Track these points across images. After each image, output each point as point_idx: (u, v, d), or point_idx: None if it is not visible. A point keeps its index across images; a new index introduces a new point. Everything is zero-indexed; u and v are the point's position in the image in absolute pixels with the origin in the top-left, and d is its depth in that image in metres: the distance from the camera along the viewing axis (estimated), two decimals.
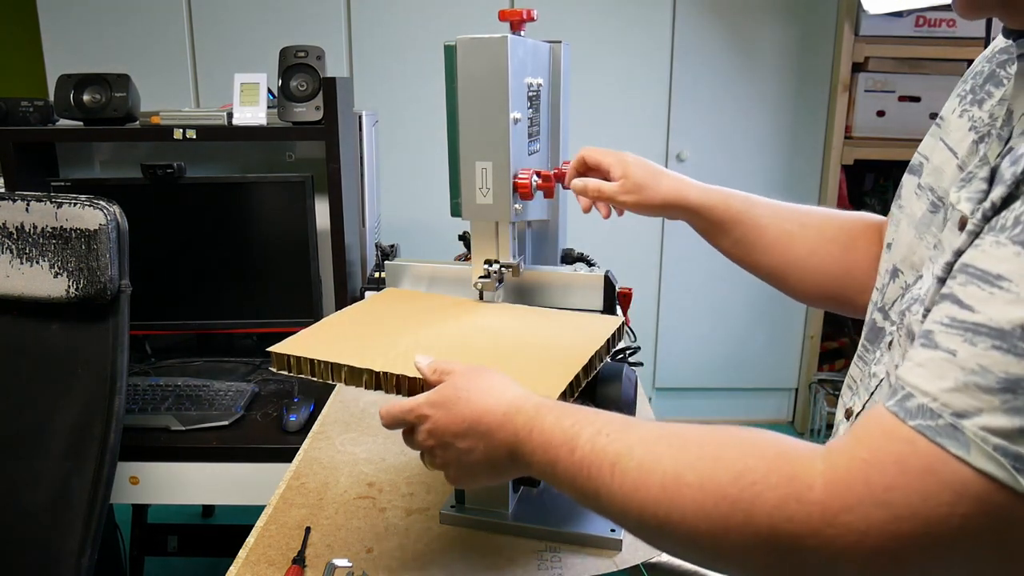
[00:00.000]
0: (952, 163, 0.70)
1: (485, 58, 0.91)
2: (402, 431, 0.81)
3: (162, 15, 2.93)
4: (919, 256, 0.71)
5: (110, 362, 1.29)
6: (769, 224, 0.97)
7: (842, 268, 0.94)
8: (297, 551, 0.99)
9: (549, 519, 1.03)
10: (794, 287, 0.98)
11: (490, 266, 1.02)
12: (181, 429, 1.54)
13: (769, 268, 0.99)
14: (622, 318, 1.01)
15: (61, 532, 1.26)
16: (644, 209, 1.00)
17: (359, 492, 1.14)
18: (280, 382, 1.77)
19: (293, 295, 1.82)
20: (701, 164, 3.11)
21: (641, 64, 3.03)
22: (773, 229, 0.97)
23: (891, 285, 0.75)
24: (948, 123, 0.73)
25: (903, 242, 0.74)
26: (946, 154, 0.71)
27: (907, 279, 0.73)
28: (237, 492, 1.53)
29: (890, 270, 0.76)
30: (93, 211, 1.27)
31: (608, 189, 0.99)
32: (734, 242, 0.99)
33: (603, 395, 1.02)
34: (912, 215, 0.74)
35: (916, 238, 0.72)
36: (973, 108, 0.70)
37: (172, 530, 2.14)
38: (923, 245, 0.71)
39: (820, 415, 2.99)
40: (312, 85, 1.72)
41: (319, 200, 1.79)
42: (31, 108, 1.77)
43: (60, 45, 2.93)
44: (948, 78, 2.88)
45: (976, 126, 0.68)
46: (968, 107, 0.71)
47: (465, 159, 0.96)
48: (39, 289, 1.30)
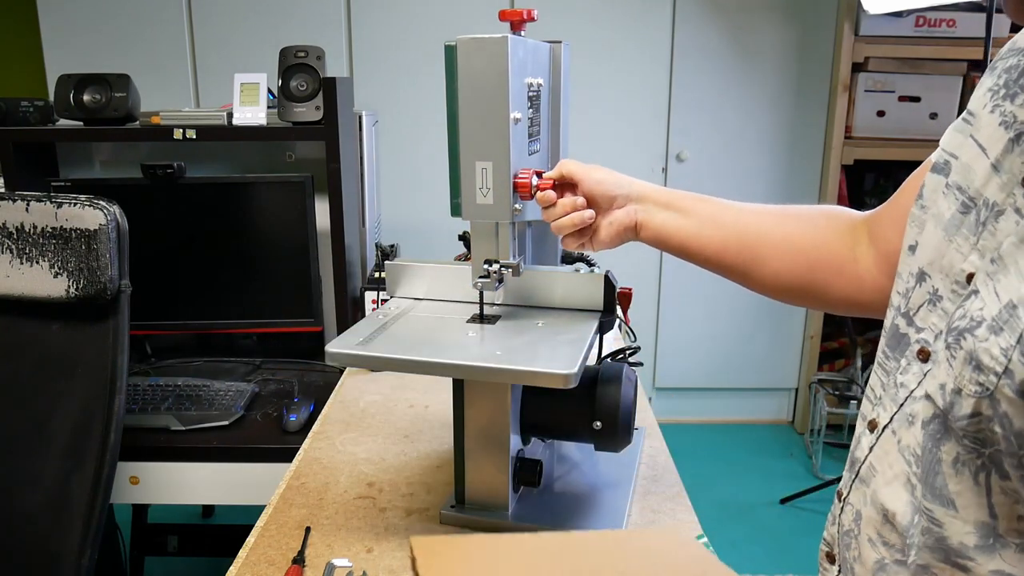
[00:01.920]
0: (983, 162, 0.67)
1: (485, 58, 0.91)
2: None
3: (162, 15, 2.93)
4: (949, 260, 0.68)
5: (110, 362, 1.29)
6: (731, 206, 1.00)
7: (812, 245, 0.95)
8: (297, 551, 0.99)
9: (549, 519, 1.03)
10: (762, 270, 0.98)
11: (490, 266, 1.02)
12: (181, 429, 1.54)
13: (737, 249, 0.98)
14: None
15: (61, 532, 1.26)
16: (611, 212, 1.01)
17: (359, 492, 1.14)
18: (280, 382, 1.77)
19: (293, 295, 1.82)
20: (701, 164, 3.11)
21: (641, 64, 3.03)
22: (735, 210, 1.00)
23: (917, 290, 0.72)
24: (979, 119, 0.70)
25: (930, 244, 0.71)
26: (975, 151, 0.68)
27: (935, 284, 0.70)
28: (237, 492, 1.53)
29: (915, 273, 0.73)
30: (93, 211, 1.27)
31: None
32: (698, 227, 0.99)
33: (603, 395, 1.02)
34: (939, 216, 0.71)
35: (945, 240, 0.68)
36: (1006, 103, 0.67)
37: (172, 530, 2.14)
38: (953, 248, 0.68)
39: (820, 415, 2.99)
40: (312, 85, 1.72)
41: (319, 200, 1.79)
42: (31, 108, 1.77)
43: (60, 45, 2.93)
44: (948, 78, 2.88)
45: (1008, 122, 0.66)
46: (1000, 102, 0.67)
47: (465, 159, 0.96)
48: (39, 289, 1.30)
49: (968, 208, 0.67)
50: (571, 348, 0.95)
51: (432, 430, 1.35)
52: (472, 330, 1.04)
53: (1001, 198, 0.64)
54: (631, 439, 1.06)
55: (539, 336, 1.01)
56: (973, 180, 0.68)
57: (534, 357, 0.92)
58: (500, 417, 1.01)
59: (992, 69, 0.72)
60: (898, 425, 0.71)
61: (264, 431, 1.55)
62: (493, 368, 0.91)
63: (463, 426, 1.03)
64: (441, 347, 0.97)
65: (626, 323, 1.43)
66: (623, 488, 1.12)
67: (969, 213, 0.67)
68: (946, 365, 0.63)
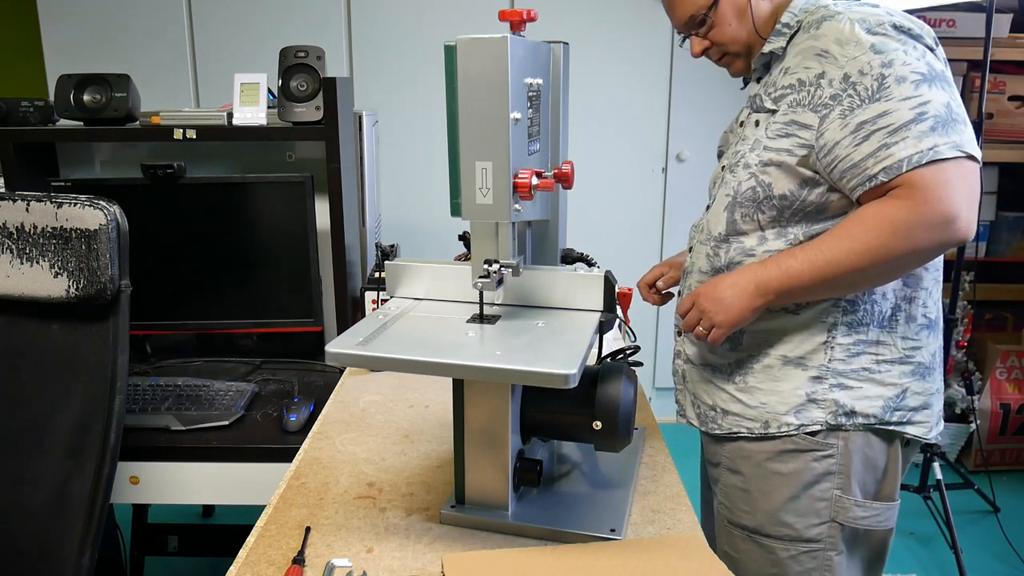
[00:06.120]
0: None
1: (485, 58, 0.91)
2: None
3: (162, 15, 2.94)
4: None
5: (110, 362, 1.29)
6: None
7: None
8: (297, 551, 0.99)
9: (549, 519, 1.03)
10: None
11: (490, 266, 1.02)
12: (181, 429, 1.54)
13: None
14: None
15: (61, 532, 1.26)
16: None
17: (359, 492, 1.14)
18: (280, 382, 1.77)
19: (293, 295, 1.82)
20: (701, 164, 3.11)
21: (641, 64, 3.03)
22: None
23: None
24: None
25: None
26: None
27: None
28: (237, 492, 1.53)
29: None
30: (93, 211, 1.27)
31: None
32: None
33: (603, 395, 1.02)
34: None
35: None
36: None
37: (172, 530, 2.14)
38: None
39: None
40: (312, 85, 1.72)
41: (319, 200, 1.79)
42: (31, 108, 1.77)
43: (60, 45, 2.93)
44: None
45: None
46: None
47: (465, 159, 0.96)
48: (39, 289, 1.30)
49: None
50: (571, 348, 0.95)
51: (432, 430, 1.35)
52: (472, 330, 1.04)
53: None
54: (631, 439, 1.06)
55: (539, 336, 1.01)
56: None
57: (534, 357, 0.92)
58: (500, 417, 1.01)
59: None
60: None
61: (264, 431, 1.55)
62: (493, 368, 0.91)
63: (463, 426, 1.03)
64: (441, 347, 0.97)
65: (626, 323, 1.43)
66: (623, 488, 1.12)
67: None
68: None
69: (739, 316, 1.10)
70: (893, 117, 1.01)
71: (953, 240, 1.01)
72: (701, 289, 1.15)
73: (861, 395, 1.13)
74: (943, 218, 0.99)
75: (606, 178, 3.12)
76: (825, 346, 1.13)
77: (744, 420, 1.19)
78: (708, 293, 1.13)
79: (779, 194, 1.11)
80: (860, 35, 1.04)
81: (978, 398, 2.91)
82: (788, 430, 1.15)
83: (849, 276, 1.05)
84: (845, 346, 1.13)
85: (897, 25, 1.05)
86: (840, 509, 1.15)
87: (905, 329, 1.14)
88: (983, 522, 2.66)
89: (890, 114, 1.01)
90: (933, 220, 0.99)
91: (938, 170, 0.99)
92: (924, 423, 1.16)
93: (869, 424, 1.13)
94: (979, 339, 3.04)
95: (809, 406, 1.14)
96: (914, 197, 0.99)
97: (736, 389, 1.20)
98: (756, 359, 1.18)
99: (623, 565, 0.93)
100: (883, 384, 1.13)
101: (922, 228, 0.99)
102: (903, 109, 1.01)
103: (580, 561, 0.94)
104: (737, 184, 1.14)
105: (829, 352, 1.13)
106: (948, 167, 0.99)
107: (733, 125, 1.29)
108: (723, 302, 1.11)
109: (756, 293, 1.09)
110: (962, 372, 2.89)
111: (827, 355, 1.13)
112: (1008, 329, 3.14)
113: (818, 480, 1.15)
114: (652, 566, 0.93)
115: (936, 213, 0.99)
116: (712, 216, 1.20)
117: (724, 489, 1.25)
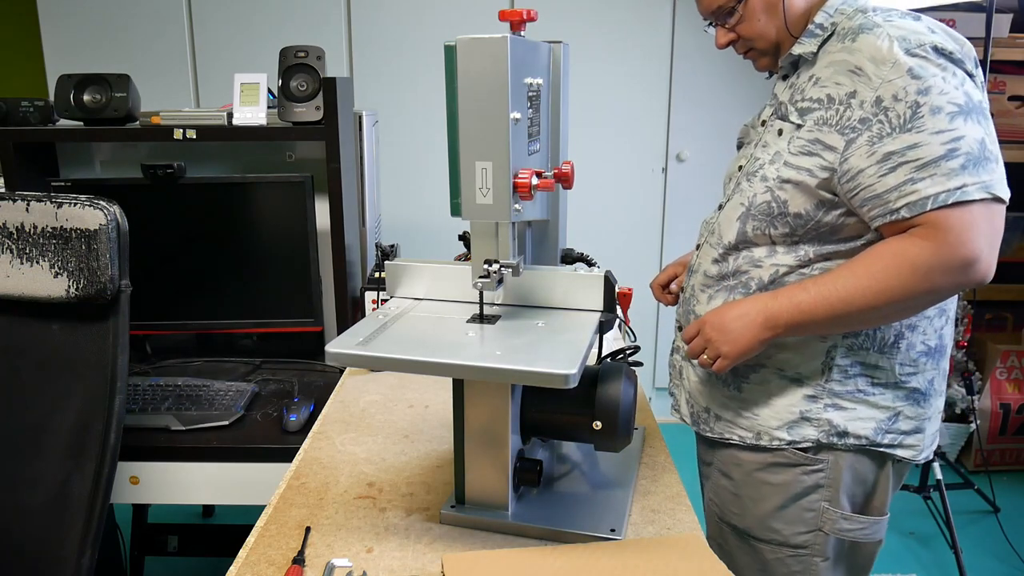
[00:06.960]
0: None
1: (485, 58, 0.91)
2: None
3: (162, 15, 2.94)
4: None
5: (110, 362, 1.29)
6: None
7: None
8: (297, 551, 0.99)
9: (549, 519, 1.03)
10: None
11: (490, 266, 1.02)
12: (181, 429, 1.54)
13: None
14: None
15: (61, 532, 1.26)
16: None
17: (359, 492, 1.14)
18: (280, 382, 1.77)
19: (293, 295, 1.82)
20: (701, 164, 3.11)
21: (641, 64, 3.03)
22: None
23: None
24: None
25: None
26: None
27: None
28: (237, 492, 1.53)
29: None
30: (93, 211, 1.27)
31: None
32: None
33: (603, 395, 1.02)
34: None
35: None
36: None
37: (172, 530, 2.14)
38: None
39: None
40: (312, 85, 1.72)
41: (319, 200, 1.79)
42: (31, 108, 1.77)
43: (60, 45, 2.93)
44: None
45: None
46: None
47: (465, 159, 0.96)
48: (39, 289, 1.30)
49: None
50: (571, 348, 0.95)
51: (432, 430, 1.35)
52: (472, 330, 1.04)
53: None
54: (631, 439, 1.06)
55: (539, 336, 1.01)
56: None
57: (534, 357, 0.92)
58: (500, 417, 1.01)
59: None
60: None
61: (264, 431, 1.55)
62: (493, 368, 0.91)
63: (463, 426, 1.03)
64: (441, 347, 0.97)
65: (626, 323, 1.43)
66: (623, 488, 1.12)
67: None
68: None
69: (746, 348, 1.08)
70: (923, 151, 0.97)
71: (971, 283, 0.98)
72: (708, 317, 1.12)
73: (854, 416, 1.12)
74: (963, 262, 0.96)
75: (606, 178, 3.12)
76: (824, 366, 1.12)
77: (736, 428, 1.19)
78: (715, 322, 1.10)
79: (794, 212, 1.08)
80: (898, 55, 0.99)
81: (978, 398, 2.91)
82: (779, 444, 1.15)
83: (862, 314, 1.02)
84: (843, 367, 1.12)
85: (938, 47, 1.00)
86: (828, 520, 1.15)
87: (904, 356, 1.12)
88: (983, 522, 2.66)
89: (920, 147, 0.97)
90: (953, 264, 0.96)
91: (964, 212, 0.96)
92: (915, 446, 1.14)
93: (860, 445, 1.12)
94: (979, 339, 3.04)
95: (802, 423, 1.13)
96: (936, 238, 0.96)
97: (730, 397, 1.20)
98: (753, 370, 1.17)
99: (623, 565, 0.93)
100: (876, 407, 1.12)
101: (941, 270, 0.97)
102: (935, 143, 0.96)
103: (580, 561, 0.94)
104: (752, 195, 1.12)
105: (827, 372, 1.12)
106: (974, 208, 0.96)
107: (755, 121, 1.26)
108: (730, 333, 1.08)
109: (765, 326, 1.06)
110: (962, 372, 2.90)
111: (825, 375, 1.12)
112: (1008, 329, 3.15)
113: (807, 492, 1.15)
114: (652, 566, 0.93)
115: (958, 257, 0.96)
116: (724, 221, 1.18)
117: (715, 488, 1.25)
